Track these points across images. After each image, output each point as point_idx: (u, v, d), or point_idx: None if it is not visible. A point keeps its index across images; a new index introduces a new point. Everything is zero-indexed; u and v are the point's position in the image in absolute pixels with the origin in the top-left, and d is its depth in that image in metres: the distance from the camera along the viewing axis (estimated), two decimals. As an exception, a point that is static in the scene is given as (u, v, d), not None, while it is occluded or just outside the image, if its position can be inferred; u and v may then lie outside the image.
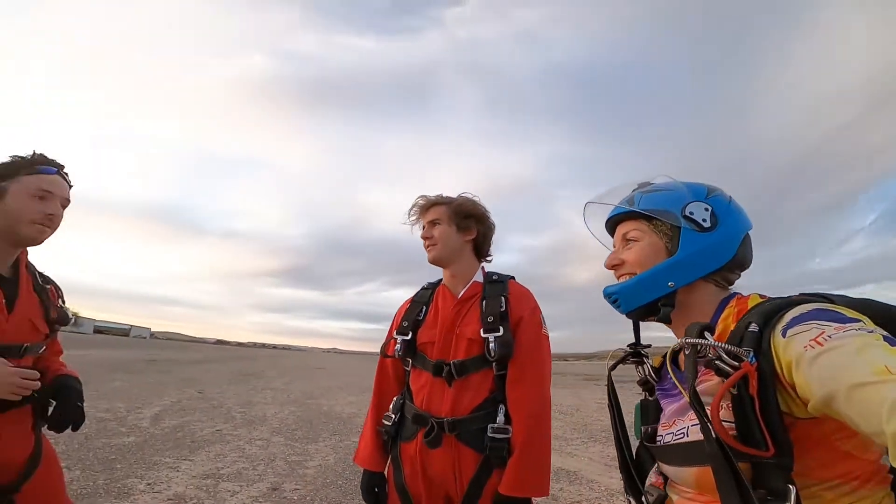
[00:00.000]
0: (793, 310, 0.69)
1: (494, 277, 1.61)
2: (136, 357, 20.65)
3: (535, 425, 1.41)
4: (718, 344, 0.68)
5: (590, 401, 11.64)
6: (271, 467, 4.73)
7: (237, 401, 9.42)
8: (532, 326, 1.50)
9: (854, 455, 0.66)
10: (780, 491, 0.62)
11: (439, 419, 1.43)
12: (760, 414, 0.63)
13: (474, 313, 1.51)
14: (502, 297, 1.51)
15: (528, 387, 1.43)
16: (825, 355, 0.59)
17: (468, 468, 1.41)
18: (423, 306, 1.63)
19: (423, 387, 1.51)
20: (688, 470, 0.77)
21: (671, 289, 0.85)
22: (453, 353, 1.48)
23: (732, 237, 0.84)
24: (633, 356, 0.99)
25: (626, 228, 0.93)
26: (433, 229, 1.59)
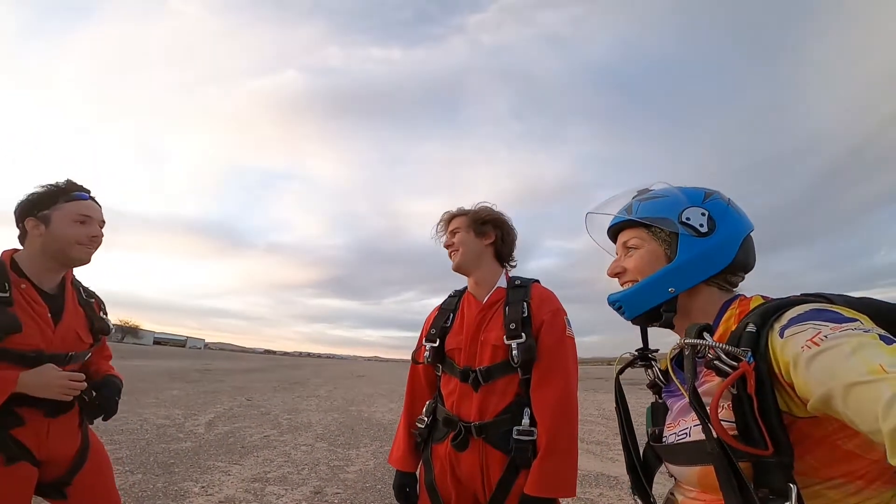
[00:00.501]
0: (791, 310, 0.69)
1: (517, 282, 1.63)
2: (192, 367, 21.67)
3: (560, 426, 1.42)
4: (716, 344, 0.68)
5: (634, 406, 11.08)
6: (315, 472, 4.89)
7: (283, 408, 9.70)
8: (555, 330, 1.51)
9: (858, 454, 0.65)
10: (781, 490, 0.62)
11: (467, 423, 1.48)
12: (759, 413, 0.64)
13: (498, 319, 1.53)
14: (524, 302, 1.53)
15: (551, 389, 1.44)
16: (822, 355, 0.59)
17: (495, 469, 1.44)
18: (450, 313, 1.68)
19: (452, 391, 1.56)
20: (691, 469, 0.78)
21: (671, 294, 0.86)
22: (479, 360, 1.52)
23: (731, 240, 0.84)
24: (642, 360, 1.00)
25: (627, 237, 0.94)
26: (454, 237, 1.66)
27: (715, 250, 0.84)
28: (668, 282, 0.86)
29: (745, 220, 0.88)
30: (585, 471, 5.14)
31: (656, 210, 0.89)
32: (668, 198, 0.90)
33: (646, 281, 0.88)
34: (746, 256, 0.86)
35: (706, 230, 0.84)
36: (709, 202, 0.87)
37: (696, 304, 0.87)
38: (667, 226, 0.87)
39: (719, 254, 0.84)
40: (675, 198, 0.89)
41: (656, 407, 0.97)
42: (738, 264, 0.85)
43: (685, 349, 0.73)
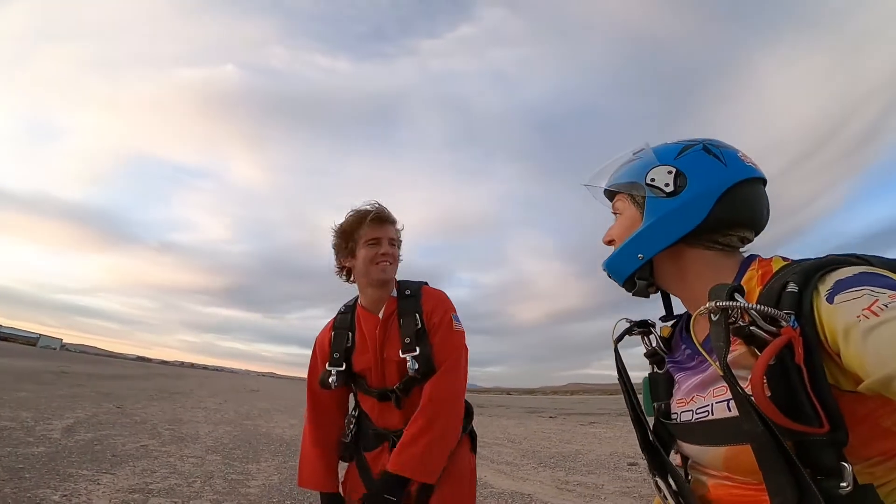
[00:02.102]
0: (837, 271, 0.60)
1: (407, 292, 1.57)
2: (45, 368, 18.46)
3: (436, 410, 1.41)
4: (754, 306, 0.58)
5: (536, 430, 11.68)
6: (209, 485, 4.31)
7: (163, 418, 8.74)
8: (443, 328, 1.52)
9: (892, 431, 0.59)
10: (833, 469, 0.54)
11: (397, 431, 1.47)
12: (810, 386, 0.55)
13: (395, 332, 1.51)
14: (416, 313, 1.51)
15: (438, 376, 1.45)
16: (884, 327, 0.50)
17: None
18: (347, 332, 1.59)
19: (372, 408, 1.56)
20: (715, 450, 0.69)
21: (641, 261, 0.80)
22: (389, 379, 1.51)
23: (703, 195, 0.74)
24: (640, 326, 0.91)
25: (614, 203, 0.89)
26: (394, 248, 1.58)
27: (682, 209, 0.75)
28: (637, 247, 0.80)
29: (735, 169, 0.75)
30: (500, 489, 5.15)
31: (627, 175, 0.84)
32: (641, 160, 0.83)
33: (619, 248, 0.84)
34: (733, 211, 0.74)
35: (672, 189, 0.76)
36: (682, 157, 0.78)
37: (687, 268, 0.79)
38: (636, 190, 0.82)
39: (687, 212, 0.75)
40: (647, 159, 0.82)
41: (655, 379, 0.87)
42: (720, 221, 0.74)
43: (712, 313, 0.62)
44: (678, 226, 0.75)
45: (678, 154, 0.79)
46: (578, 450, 8.13)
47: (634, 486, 5.28)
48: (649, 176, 0.79)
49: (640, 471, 6.16)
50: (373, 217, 1.54)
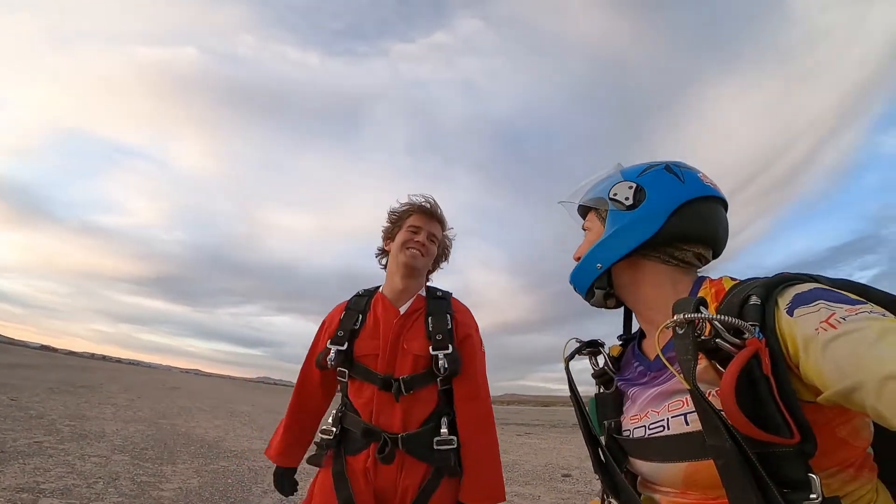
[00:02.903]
0: (795, 286, 0.63)
1: (438, 294, 1.61)
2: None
3: (489, 436, 1.47)
4: (721, 317, 0.58)
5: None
6: (114, 486, 3.87)
7: (64, 413, 7.89)
8: (475, 345, 1.54)
9: (849, 442, 0.61)
10: (799, 481, 0.54)
11: (392, 434, 1.40)
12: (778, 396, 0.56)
13: (419, 329, 1.49)
14: (448, 314, 1.51)
15: (477, 403, 1.47)
16: (841, 340, 0.52)
17: (416, 479, 1.40)
18: (358, 315, 1.56)
19: (368, 401, 1.46)
20: (674, 466, 0.69)
21: (599, 270, 0.84)
22: (399, 369, 1.45)
23: (658, 209, 0.78)
24: (588, 346, 0.93)
25: (585, 221, 0.94)
26: (430, 244, 1.59)
27: (638, 220, 0.79)
28: (595, 257, 0.84)
29: (691, 187, 0.79)
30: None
31: (596, 192, 0.89)
32: (609, 178, 0.89)
33: (582, 259, 0.87)
34: (686, 226, 0.78)
35: (631, 202, 0.81)
36: (644, 175, 0.83)
37: (644, 280, 0.82)
38: (600, 205, 0.87)
39: (643, 223, 0.79)
40: (612, 177, 0.88)
41: (603, 398, 0.89)
42: (673, 235, 0.78)
43: (677, 327, 0.62)
44: (633, 236, 0.79)
45: (641, 172, 0.84)
46: (515, 460, 8.21)
47: (569, 498, 5.37)
48: (612, 191, 0.84)
49: (573, 482, 6.31)
50: (422, 208, 1.61)
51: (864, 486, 0.61)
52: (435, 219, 1.62)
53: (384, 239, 1.67)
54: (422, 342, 1.46)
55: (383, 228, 1.67)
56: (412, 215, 1.60)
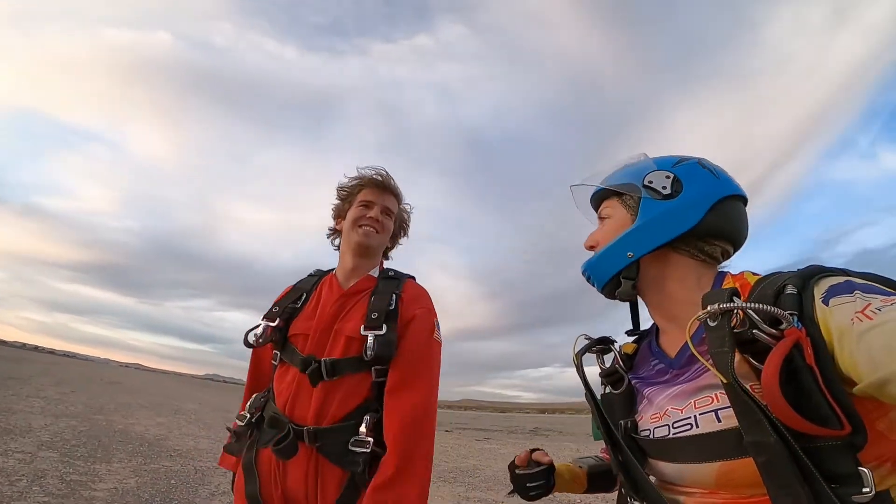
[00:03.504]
0: (829, 278, 0.62)
1: (391, 273, 1.44)
2: None
3: (412, 440, 1.15)
4: (758, 306, 0.56)
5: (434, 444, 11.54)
6: (39, 485, 3.52)
7: None
8: (423, 329, 1.30)
9: (886, 436, 0.59)
10: (848, 475, 0.52)
11: (299, 426, 1.18)
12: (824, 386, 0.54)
13: (360, 309, 1.30)
14: (394, 294, 1.32)
15: (409, 396, 1.20)
16: (876, 331, 0.51)
17: (331, 487, 1.17)
18: (303, 293, 1.40)
19: (288, 385, 1.26)
20: (705, 466, 0.65)
21: (630, 259, 0.79)
22: (328, 351, 1.25)
23: (697, 201, 0.76)
24: (599, 343, 0.90)
25: (602, 208, 0.89)
26: (385, 218, 1.43)
27: (677, 211, 0.77)
28: (627, 245, 0.79)
29: (726, 184, 0.79)
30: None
31: (623, 177, 0.85)
32: (639, 165, 0.86)
33: (606, 247, 0.82)
34: (722, 221, 0.77)
35: (669, 192, 0.78)
36: (679, 166, 0.81)
37: (668, 274, 0.79)
38: (632, 191, 0.83)
39: (682, 215, 0.76)
40: (644, 164, 0.85)
41: (610, 399, 0.85)
42: (710, 229, 0.76)
43: (710, 319, 0.60)
44: (671, 227, 0.77)
45: (675, 164, 0.82)
46: (476, 465, 8.16)
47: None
48: (647, 178, 0.81)
49: (532, 487, 6.28)
50: (374, 180, 1.44)
51: None
52: (388, 191, 1.45)
53: (335, 217, 1.50)
54: (357, 322, 1.26)
55: (333, 206, 1.51)
56: (363, 189, 1.43)
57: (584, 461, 1.02)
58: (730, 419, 0.60)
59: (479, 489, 5.97)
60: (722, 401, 0.62)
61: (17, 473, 3.75)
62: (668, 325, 0.82)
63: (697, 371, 0.69)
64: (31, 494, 3.29)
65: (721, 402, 0.63)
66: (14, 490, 3.31)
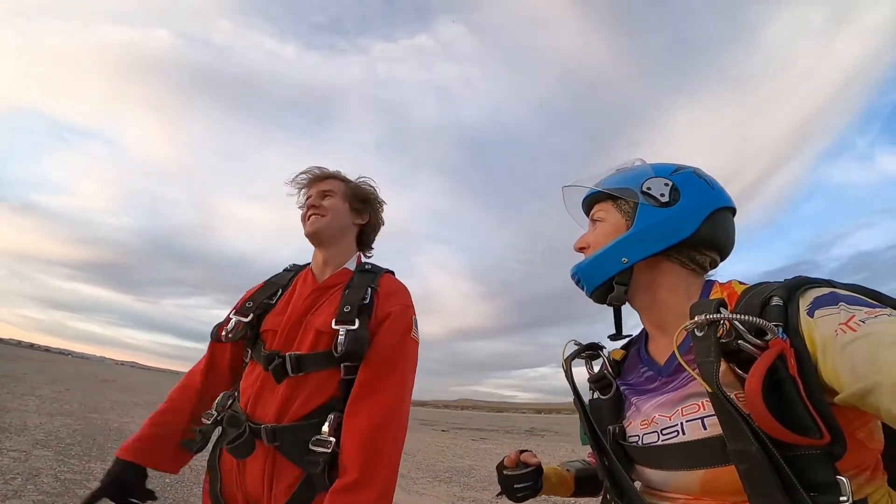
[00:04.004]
0: (814, 289, 0.63)
1: (367, 267, 1.37)
2: None
3: (378, 448, 1.07)
4: (744, 317, 0.57)
5: (430, 443, 11.70)
6: (34, 483, 3.53)
7: None
8: (398, 327, 1.22)
9: (864, 444, 0.60)
10: (826, 484, 0.53)
11: (257, 424, 1.12)
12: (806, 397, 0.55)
13: (333, 303, 1.24)
14: (369, 287, 1.26)
15: (377, 398, 1.12)
16: (859, 342, 0.52)
17: (285, 487, 1.11)
18: (279, 289, 1.35)
19: (252, 383, 1.20)
20: (690, 473, 0.66)
21: (625, 265, 0.78)
22: (296, 346, 1.19)
23: (694, 211, 0.77)
24: (588, 349, 0.90)
25: (595, 210, 0.88)
26: (324, 199, 1.36)
27: (673, 220, 0.77)
28: (622, 251, 0.79)
29: (720, 195, 0.80)
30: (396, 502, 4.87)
31: (621, 182, 0.85)
32: (636, 170, 0.86)
33: (601, 250, 0.81)
34: (715, 232, 0.78)
35: (667, 200, 0.78)
36: (677, 175, 0.82)
37: (660, 281, 0.80)
38: (629, 196, 0.82)
39: (678, 224, 0.77)
40: (642, 170, 0.85)
41: (598, 405, 0.85)
42: (703, 239, 0.77)
43: (697, 329, 0.60)
44: (668, 235, 0.77)
45: (673, 172, 0.82)
46: (471, 465, 8.18)
47: (524, 502, 5.35)
48: (645, 184, 0.80)
49: (527, 488, 6.30)
50: (305, 180, 1.41)
51: (879, 491, 0.60)
52: (322, 178, 1.39)
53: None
54: (328, 316, 1.19)
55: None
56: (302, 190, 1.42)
57: (572, 465, 1.02)
58: (715, 427, 0.61)
59: (474, 489, 5.99)
60: (708, 409, 0.64)
61: (12, 472, 3.75)
62: (657, 333, 0.82)
63: (685, 379, 0.70)
64: (25, 493, 3.29)
65: (707, 409, 0.64)
66: (9, 488, 3.31)
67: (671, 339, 0.66)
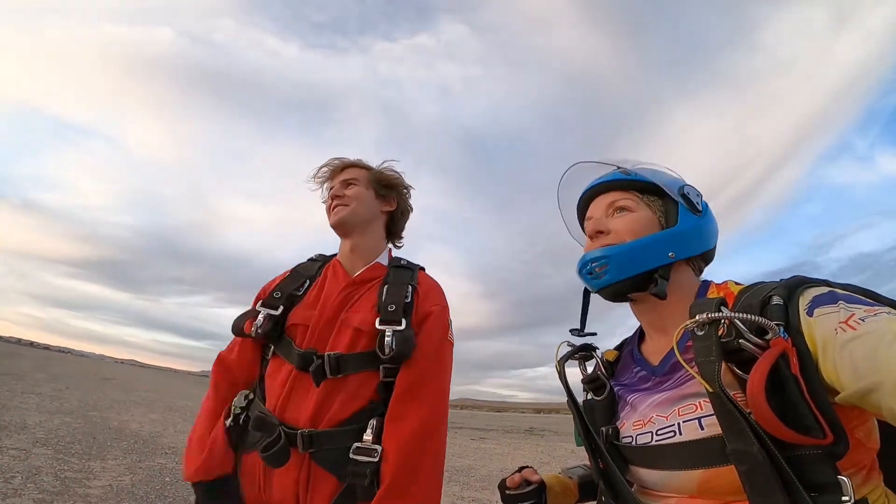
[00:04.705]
0: (813, 288, 0.63)
1: (403, 262, 1.32)
2: None
3: (423, 455, 1.03)
4: (745, 316, 0.57)
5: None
6: (34, 482, 3.53)
7: None
8: (438, 328, 1.18)
9: (863, 443, 0.60)
10: (827, 484, 0.53)
11: (292, 429, 1.04)
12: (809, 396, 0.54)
13: (370, 299, 1.18)
14: (410, 286, 1.20)
15: (420, 403, 1.08)
16: (859, 341, 0.52)
17: (321, 498, 1.03)
18: (306, 280, 1.27)
19: (282, 383, 1.11)
20: (687, 474, 0.65)
21: (671, 259, 0.77)
22: (332, 344, 1.12)
23: (715, 225, 0.85)
24: (581, 350, 0.90)
25: (615, 197, 0.86)
26: (347, 188, 1.32)
27: (706, 229, 0.82)
28: (670, 245, 0.78)
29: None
30: None
31: (659, 179, 0.84)
32: (669, 175, 0.87)
33: (645, 239, 0.79)
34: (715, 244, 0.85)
35: (700, 210, 0.83)
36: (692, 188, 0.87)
37: (674, 281, 0.79)
38: (671, 193, 0.83)
39: (709, 234, 0.83)
40: (674, 176, 0.87)
41: (591, 406, 0.85)
42: (712, 252, 0.84)
43: (697, 328, 0.60)
44: (705, 241, 0.82)
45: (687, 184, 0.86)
46: (471, 465, 8.18)
47: (523, 502, 5.36)
48: (685, 189, 0.83)
49: (527, 487, 6.30)
50: (327, 172, 1.39)
51: (876, 490, 0.60)
52: (343, 168, 1.36)
53: None
54: (367, 314, 1.14)
55: None
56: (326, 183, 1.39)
57: (573, 471, 1.01)
58: (713, 427, 0.61)
59: (473, 489, 6.00)
60: (705, 409, 0.64)
61: (12, 470, 3.75)
62: (655, 333, 0.82)
63: (681, 379, 0.70)
64: (25, 491, 3.29)
65: (705, 410, 0.64)
66: (9, 487, 3.31)
67: (668, 338, 0.66)
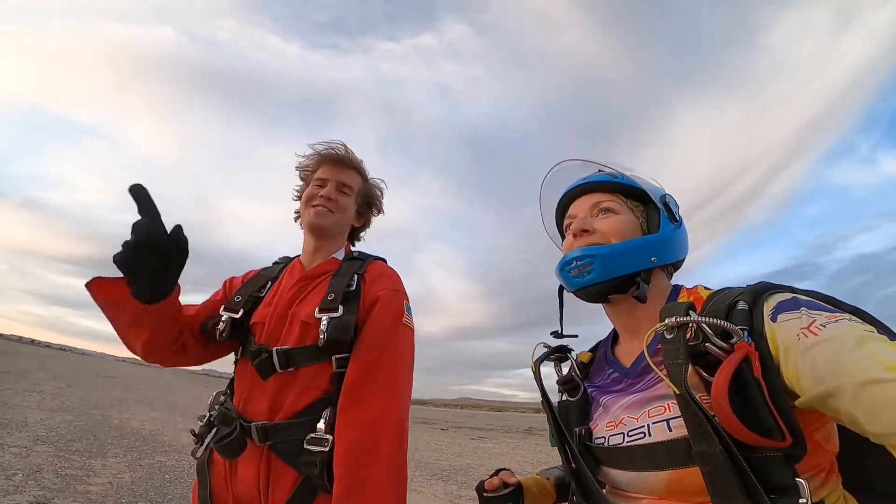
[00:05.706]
0: (778, 294, 0.65)
1: (356, 254, 1.32)
2: None
3: (372, 439, 1.00)
4: (711, 320, 0.59)
5: (428, 442, 11.78)
6: (35, 479, 3.55)
7: None
8: (389, 311, 1.14)
9: (822, 446, 0.62)
10: (787, 486, 0.54)
11: (248, 422, 1.07)
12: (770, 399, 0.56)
13: (319, 293, 1.17)
14: (356, 274, 1.19)
15: (369, 388, 1.04)
16: (820, 346, 0.54)
17: (282, 491, 1.03)
18: (268, 281, 1.29)
19: (245, 379, 1.15)
20: (656, 475, 0.67)
21: (653, 264, 0.79)
22: (283, 339, 1.13)
23: (687, 237, 0.87)
24: (557, 351, 0.91)
25: (600, 198, 0.87)
26: (341, 195, 1.29)
27: (683, 237, 0.85)
28: (653, 250, 0.79)
29: None
30: None
31: (643, 185, 0.86)
32: (651, 183, 0.89)
33: (631, 242, 0.80)
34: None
35: (677, 219, 0.85)
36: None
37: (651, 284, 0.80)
38: (655, 199, 0.84)
39: (685, 243, 0.86)
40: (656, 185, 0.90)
41: (566, 407, 0.87)
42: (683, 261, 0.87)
43: (666, 332, 0.62)
44: (682, 250, 0.85)
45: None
46: (469, 464, 8.21)
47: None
48: (666, 198, 0.85)
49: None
50: (329, 155, 1.31)
51: (834, 493, 0.62)
52: (346, 166, 1.31)
53: (299, 200, 1.36)
54: (314, 306, 1.13)
55: (296, 188, 1.38)
56: (320, 167, 1.32)
57: (551, 472, 1.03)
58: (680, 429, 0.63)
59: (471, 488, 5.98)
60: (674, 411, 0.65)
61: (13, 468, 3.77)
62: (628, 336, 0.84)
63: (651, 381, 0.72)
64: (26, 488, 3.31)
65: (673, 412, 0.65)
66: (10, 484, 3.34)
67: (640, 341, 0.68)
